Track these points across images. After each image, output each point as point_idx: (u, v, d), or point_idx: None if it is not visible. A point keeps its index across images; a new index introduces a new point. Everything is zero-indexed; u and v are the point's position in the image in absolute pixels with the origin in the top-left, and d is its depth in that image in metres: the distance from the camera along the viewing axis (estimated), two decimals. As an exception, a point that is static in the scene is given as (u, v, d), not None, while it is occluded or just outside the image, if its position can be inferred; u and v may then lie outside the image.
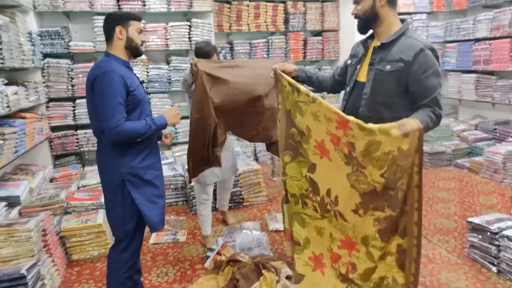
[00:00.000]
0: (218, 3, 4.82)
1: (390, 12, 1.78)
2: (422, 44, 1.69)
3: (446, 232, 3.11)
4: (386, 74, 1.74)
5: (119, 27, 1.96)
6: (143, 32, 2.05)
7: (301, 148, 1.83)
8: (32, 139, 3.35)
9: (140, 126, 1.92)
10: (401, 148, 1.37)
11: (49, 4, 3.85)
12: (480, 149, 4.67)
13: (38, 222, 2.56)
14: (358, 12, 1.81)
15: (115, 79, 1.85)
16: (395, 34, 1.76)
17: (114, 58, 1.99)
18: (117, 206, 2.01)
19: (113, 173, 1.98)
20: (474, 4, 5.13)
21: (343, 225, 1.69)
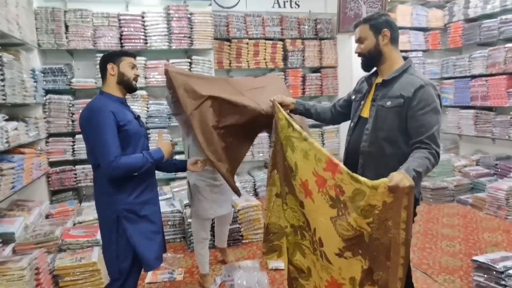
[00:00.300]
0: (218, 41, 4.95)
1: (393, 50, 1.82)
2: (422, 81, 1.71)
3: (451, 271, 3.02)
4: (386, 110, 1.76)
5: (111, 64, 2.01)
6: (136, 67, 2.08)
7: (292, 182, 1.83)
8: (30, 175, 3.33)
9: (136, 160, 1.91)
10: (385, 201, 1.36)
11: (53, 42, 3.96)
12: (483, 185, 4.61)
13: (31, 260, 2.51)
14: (362, 51, 1.85)
15: (105, 115, 1.86)
16: (396, 71, 1.79)
17: (107, 95, 2.01)
18: (112, 243, 1.97)
19: (108, 210, 1.96)
20: (469, 42, 5.25)
21: (328, 267, 1.65)
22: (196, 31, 4.46)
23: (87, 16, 4.08)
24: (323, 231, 1.63)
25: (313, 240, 1.74)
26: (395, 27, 1.83)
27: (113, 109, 1.91)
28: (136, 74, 2.07)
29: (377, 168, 1.75)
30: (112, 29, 4.17)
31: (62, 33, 3.99)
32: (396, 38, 1.83)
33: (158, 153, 2.02)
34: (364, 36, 1.83)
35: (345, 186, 1.47)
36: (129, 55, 2.05)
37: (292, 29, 5.35)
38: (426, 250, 3.40)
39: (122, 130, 1.91)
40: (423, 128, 1.66)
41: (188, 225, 3.60)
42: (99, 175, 1.97)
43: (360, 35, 1.85)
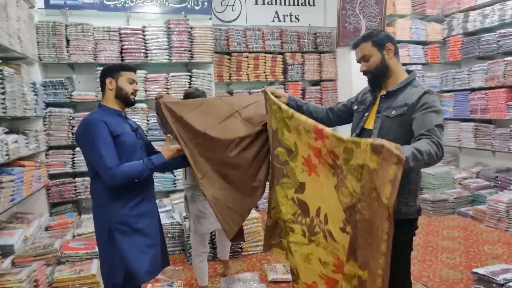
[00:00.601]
0: (218, 54, 4.98)
1: (397, 63, 1.86)
2: (426, 88, 1.74)
3: (452, 283, 3.00)
4: (391, 120, 1.77)
5: (109, 78, 2.03)
6: (135, 82, 2.09)
7: (286, 168, 1.80)
8: (29, 187, 3.34)
9: (136, 167, 1.91)
10: (367, 165, 1.30)
11: (54, 56, 4.00)
12: (483, 197, 4.61)
13: (30, 273, 2.52)
14: (368, 68, 1.85)
15: (98, 126, 1.88)
16: (401, 83, 1.81)
17: (105, 108, 2.04)
18: (105, 256, 1.97)
19: (101, 222, 1.97)
20: (468, 56, 5.28)
21: (334, 247, 1.61)
22: (196, 45, 4.50)
23: (88, 30, 4.12)
24: (329, 204, 1.59)
25: (313, 225, 1.70)
26: (394, 40, 1.86)
27: (107, 120, 1.92)
28: (134, 89, 2.08)
29: None
30: (113, 43, 4.21)
31: (63, 47, 4.03)
32: (397, 51, 1.86)
33: (159, 159, 2.01)
34: (368, 53, 1.83)
35: (336, 149, 1.44)
36: (128, 69, 2.07)
37: (292, 42, 5.40)
38: (426, 263, 3.38)
39: (117, 141, 1.92)
40: (424, 124, 1.65)
41: (187, 237, 3.58)
42: (96, 188, 1.98)
43: (364, 53, 1.85)
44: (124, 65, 2.13)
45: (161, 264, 2.16)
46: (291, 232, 1.82)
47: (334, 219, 1.58)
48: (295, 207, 1.79)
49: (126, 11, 4.31)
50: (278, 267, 3.29)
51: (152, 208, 2.12)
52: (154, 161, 1.97)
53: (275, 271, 3.23)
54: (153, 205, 2.14)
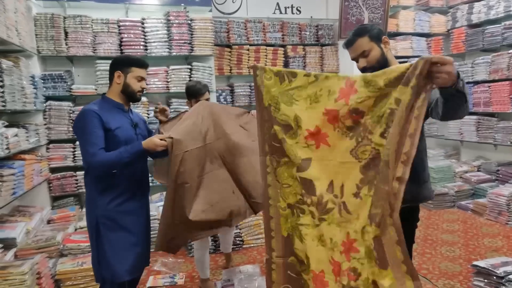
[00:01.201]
0: (218, 47, 4.94)
1: (391, 54, 1.87)
2: None
3: (451, 276, 3.02)
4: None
5: (118, 72, 1.99)
6: (144, 79, 2.05)
7: (285, 146, 1.69)
8: (30, 181, 3.34)
9: (113, 154, 1.88)
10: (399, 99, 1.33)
11: (53, 49, 3.97)
12: (484, 191, 4.61)
13: (33, 265, 2.54)
14: (369, 63, 1.82)
15: (89, 116, 1.87)
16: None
17: (107, 100, 2.02)
18: (93, 249, 1.99)
19: (91, 215, 1.97)
20: (472, 48, 5.22)
21: (347, 220, 1.55)
22: (197, 37, 4.46)
23: (86, 22, 4.08)
24: (344, 174, 1.55)
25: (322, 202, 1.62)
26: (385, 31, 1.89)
27: (103, 112, 1.91)
28: (142, 87, 2.04)
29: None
30: (112, 36, 4.18)
31: (62, 40, 3.99)
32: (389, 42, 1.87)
33: (135, 146, 1.92)
34: (368, 48, 1.80)
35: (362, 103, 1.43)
36: (140, 65, 2.03)
37: (293, 35, 5.34)
38: (425, 255, 3.40)
39: (109, 134, 1.91)
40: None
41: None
42: (88, 181, 2.00)
43: (364, 48, 1.81)
44: (136, 60, 2.06)
45: (143, 264, 2.16)
46: (301, 214, 1.70)
47: (349, 187, 1.53)
48: (300, 187, 1.68)
49: (125, 2, 4.26)
50: None
51: (141, 207, 2.10)
52: (130, 149, 1.91)
53: None
54: (142, 205, 2.11)
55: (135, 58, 2.11)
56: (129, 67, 1.99)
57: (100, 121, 1.87)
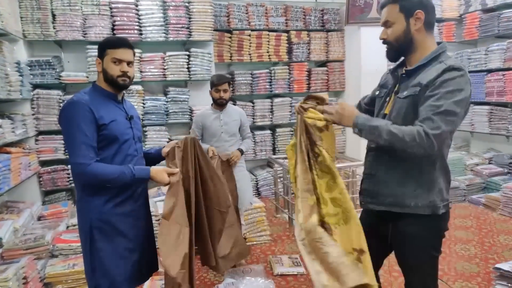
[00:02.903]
0: (218, 32, 4.70)
1: (427, 36, 1.54)
2: (450, 64, 1.43)
3: (468, 277, 2.89)
4: (401, 101, 1.53)
5: (98, 58, 1.80)
6: (124, 61, 1.78)
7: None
8: (18, 175, 3.16)
9: (111, 172, 1.68)
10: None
11: (39, 33, 3.72)
12: (496, 184, 4.50)
13: (18, 270, 2.42)
14: (388, 38, 1.57)
15: (78, 109, 1.66)
16: (424, 59, 1.51)
17: (97, 88, 1.82)
18: (87, 255, 1.77)
19: (83, 217, 1.77)
20: (486, 34, 5.00)
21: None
22: (195, 21, 4.21)
23: (75, 3, 3.82)
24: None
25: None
26: (431, 8, 1.52)
27: (95, 104, 1.71)
28: (122, 70, 1.77)
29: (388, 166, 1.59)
30: (103, 19, 3.91)
31: (49, 23, 3.74)
32: (431, 23, 1.54)
33: (142, 172, 1.75)
34: (392, 19, 1.53)
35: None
36: (113, 45, 1.77)
37: (297, 20, 5.09)
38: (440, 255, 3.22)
39: (103, 130, 1.71)
40: (425, 109, 1.41)
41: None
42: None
43: (387, 18, 1.55)
44: (110, 41, 1.82)
45: (146, 271, 1.95)
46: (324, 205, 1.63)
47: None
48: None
49: (118, -17, 3.99)
50: (284, 259, 3.20)
51: (139, 208, 1.89)
52: (136, 173, 1.72)
53: (281, 264, 3.14)
54: (141, 205, 1.91)
55: (111, 38, 1.89)
56: (104, 50, 1.77)
57: (92, 115, 1.67)
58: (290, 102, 5.08)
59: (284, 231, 3.87)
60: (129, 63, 1.80)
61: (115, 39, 1.85)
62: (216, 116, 3.05)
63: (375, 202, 1.62)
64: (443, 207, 1.55)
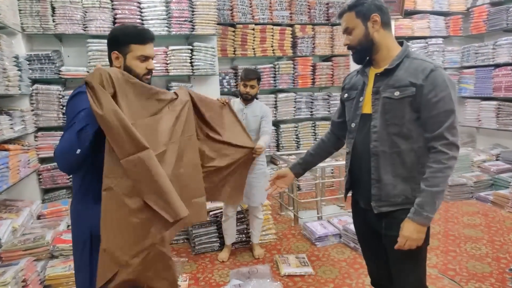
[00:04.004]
0: (222, 26, 4.61)
1: (386, 35, 1.63)
2: (432, 65, 1.53)
3: (481, 278, 2.81)
4: (396, 101, 1.56)
5: (115, 52, 1.62)
6: (151, 57, 1.67)
7: None
8: (17, 173, 3.07)
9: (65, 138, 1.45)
10: None
11: (38, 26, 3.61)
12: (504, 181, 4.43)
13: (17, 273, 2.35)
14: (351, 43, 1.66)
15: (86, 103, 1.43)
16: (398, 58, 1.60)
17: None
18: (82, 268, 1.61)
19: (80, 225, 1.62)
20: (494, 28, 4.92)
21: None
22: (198, 15, 4.11)
23: (75, -4, 3.72)
24: None
25: None
26: (385, 9, 1.62)
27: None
28: (149, 68, 1.66)
29: (394, 169, 1.59)
30: (104, 11, 3.81)
31: (49, 16, 3.63)
32: (387, 22, 1.63)
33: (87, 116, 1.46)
34: (351, 25, 1.63)
35: None
36: (140, 41, 1.62)
37: (302, 13, 5.01)
38: (450, 254, 3.19)
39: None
40: (440, 118, 1.50)
41: (191, 225, 3.36)
42: (77, 184, 1.63)
43: (347, 25, 1.64)
44: (135, 35, 1.64)
45: None
46: None
47: None
48: None
49: (119, -25, 3.88)
50: (290, 259, 3.12)
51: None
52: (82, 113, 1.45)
53: (288, 264, 3.05)
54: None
55: (134, 31, 1.66)
56: (127, 44, 1.61)
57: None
58: (294, 98, 4.99)
59: (289, 229, 3.81)
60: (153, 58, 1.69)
61: (140, 32, 1.65)
62: (240, 109, 3.05)
63: (388, 204, 1.62)
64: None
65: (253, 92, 3.01)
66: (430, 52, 5.18)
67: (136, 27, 1.68)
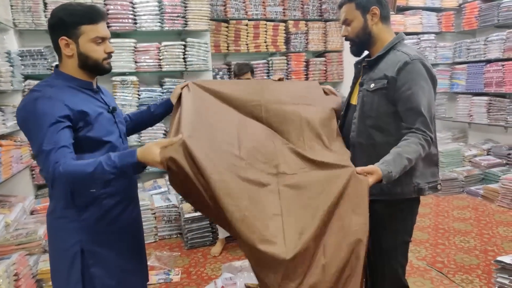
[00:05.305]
0: (215, 22, 4.60)
1: (384, 29, 1.67)
2: (408, 57, 1.54)
3: (468, 269, 2.87)
4: (371, 94, 1.62)
5: (64, 38, 1.34)
6: (107, 38, 1.41)
7: None
8: (9, 169, 3.07)
9: (87, 164, 1.26)
10: None
11: (30, 22, 3.60)
12: (494, 176, 4.49)
13: (9, 267, 2.34)
14: (349, 34, 1.69)
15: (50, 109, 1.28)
16: (382, 50, 1.64)
17: (66, 78, 1.40)
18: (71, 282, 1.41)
19: (65, 239, 1.40)
20: (485, 24, 4.94)
21: None
22: (191, 10, 4.10)
23: (67, -8, 3.69)
24: None
25: None
26: (384, 2, 1.65)
27: (67, 99, 1.33)
28: (107, 51, 1.41)
29: (369, 160, 1.58)
30: (97, 7, 3.79)
31: (40, 11, 3.61)
32: (386, 16, 1.66)
33: (126, 157, 1.27)
34: (350, 17, 1.66)
35: None
36: (91, 20, 1.35)
37: (295, 9, 5.00)
38: (439, 247, 3.25)
39: (80, 131, 1.36)
40: (413, 111, 1.53)
41: (184, 220, 3.40)
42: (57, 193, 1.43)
43: (346, 16, 1.67)
44: (84, 12, 1.35)
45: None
46: None
47: None
48: None
49: (111, -30, 3.86)
50: None
51: (134, 222, 1.60)
52: (116, 159, 1.26)
53: None
54: (136, 217, 1.62)
55: (82, 9, 1.37)
56: (77, 26, 1.33)
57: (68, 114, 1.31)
58: (287, 94, 5.00)
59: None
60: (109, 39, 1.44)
61: (90, 9, 1.37)
62: None
63: None
64: (428, 189, 1.66)
65: None
66: (423, 48, 5.20)
67: (81, 3, 1.40)
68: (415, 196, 1.64)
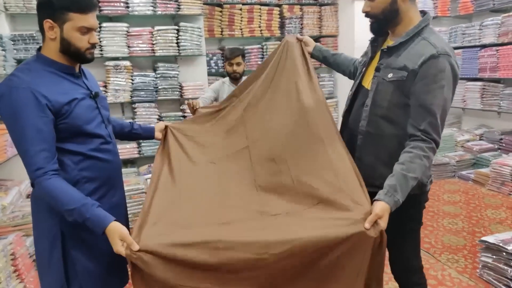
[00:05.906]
0: (208, 6, 4.57)
1: (411, 7, 1.49)
2: (435, 50, 1.38)
3: (455, 250, 2.94)
4: (387, 83, 1.49)
5: (49, 21, 1.31)
6: (93, 28, 1.38)
7: None
8: (4, 153, 3.09)
9: (67, 197, 1.29)
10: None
11: (22, 5, 3.57)
12: (486, 160, 4.53)
13: (6, 246, 2.39)
14: (372, 10, 1.50)
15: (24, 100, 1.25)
16: (406, 35, 1.46)
17: (47, 61, 1.36)
18: (48, 269, 1.43)
19: (45, 220, 1.40)
20: (481, 9, 4.90)
21: None
22: (184, -6, 4.08)
23: (59, -26, 3.65)
24: None
25: None
26: None
27: (44, 85, 1.30)
28: (91, 42, 1.38)
29: (376, 151, 1.55)
30: (89, -9, 3.76)
31: (31, -5, 3.59)
32: None
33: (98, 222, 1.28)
34: None
35: None
36: (81, 9, 1.31)
37: (289, -7, 4.96)
38: (427, 229, 3.30)
39: (61, 119, 1.33)
40: (424, 109, 1.39)
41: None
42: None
43: None
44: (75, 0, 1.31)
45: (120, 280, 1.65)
46: None
47: None
48: None
49: (103, -48, 3.81)
50: None
51: (121, 201, 1.63)
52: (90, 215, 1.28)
53: None
54: (121, 197, 1.62)
55: None
56: (65, 12, 1.30)
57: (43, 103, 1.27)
58: (282, 78, 4.99)
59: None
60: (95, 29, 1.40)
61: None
62: (230, 90, 2.96)
63: (367, 184, 1.53)
64: (429, 183, 1.58)
65: (240, 69, 2.98)
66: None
67: None
68: (418, 192, 1.54)
